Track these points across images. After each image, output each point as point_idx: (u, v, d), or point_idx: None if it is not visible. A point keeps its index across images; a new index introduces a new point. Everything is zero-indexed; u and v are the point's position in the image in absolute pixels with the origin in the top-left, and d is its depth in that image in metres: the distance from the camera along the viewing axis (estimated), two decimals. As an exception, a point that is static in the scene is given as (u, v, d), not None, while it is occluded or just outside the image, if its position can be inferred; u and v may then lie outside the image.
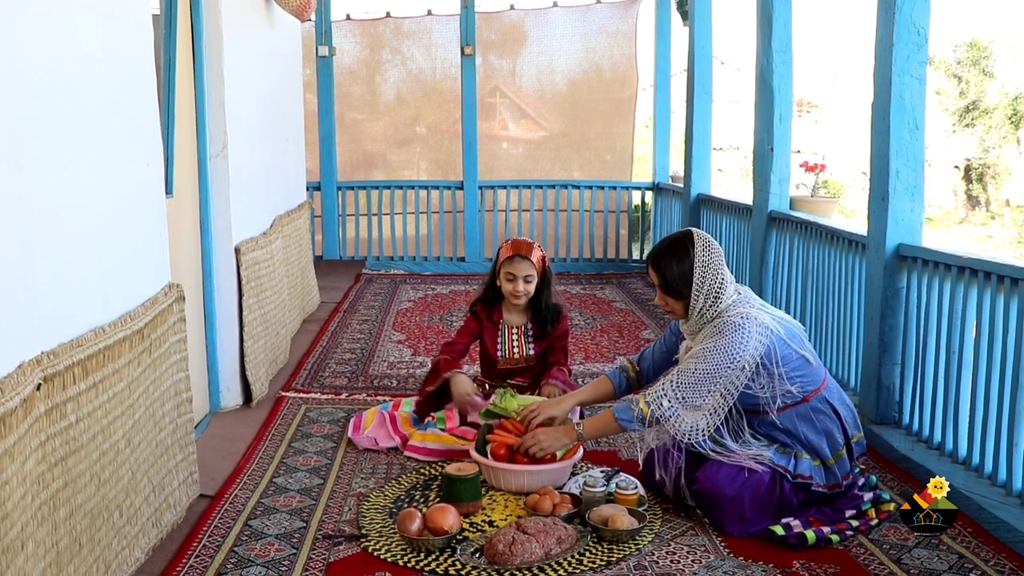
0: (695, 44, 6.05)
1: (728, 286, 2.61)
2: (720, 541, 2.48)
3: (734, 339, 2.50)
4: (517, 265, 3.30)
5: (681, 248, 2.62)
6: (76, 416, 1.85)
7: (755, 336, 2.51)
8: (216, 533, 2.49)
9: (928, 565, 2.34)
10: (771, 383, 2.53)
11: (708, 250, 2.61)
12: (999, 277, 2.68)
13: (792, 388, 2.54)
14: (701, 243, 2.62)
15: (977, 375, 2.80)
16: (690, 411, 2.52)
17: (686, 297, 2.61)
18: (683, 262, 2.61)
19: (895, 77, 3.16)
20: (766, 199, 4.66)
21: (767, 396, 2.54)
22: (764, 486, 2.53)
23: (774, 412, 2.56)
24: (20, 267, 1.65)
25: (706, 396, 2.52)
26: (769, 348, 2.52)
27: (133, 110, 2.38)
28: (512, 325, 3.40)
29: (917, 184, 3.21)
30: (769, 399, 2.54)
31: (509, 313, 3.41)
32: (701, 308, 2.60)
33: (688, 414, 2.53)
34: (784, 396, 2.55)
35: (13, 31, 1.67)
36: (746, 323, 2.52)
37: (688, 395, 2.52)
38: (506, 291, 3.34)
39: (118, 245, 2.22)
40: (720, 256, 2.63)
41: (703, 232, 2.67)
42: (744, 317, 2.53)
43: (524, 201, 7.61)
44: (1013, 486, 2.60)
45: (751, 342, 2.50)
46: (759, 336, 2.51)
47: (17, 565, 1.56)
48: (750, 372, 2.52)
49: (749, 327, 2.51)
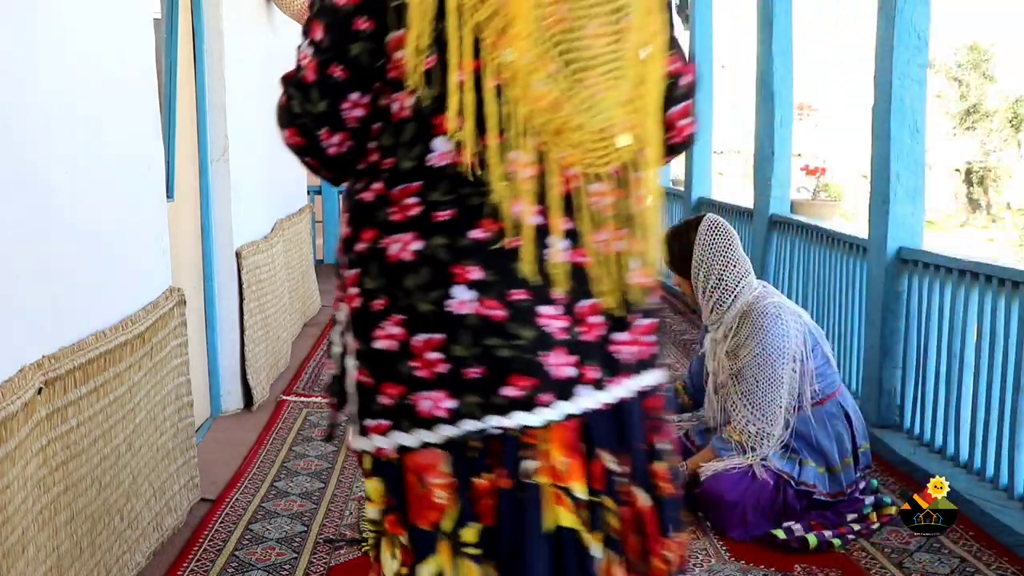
0: (696, 47, 6.05)
1: (747, 276, 2.62)
2: (721, 545, 2.48)
3: (775, 331, 2.50)
4: None
5: (687, 226, 2.69)
6: (77, 420, 1.85)
7: (792, 324, 2.52)
8: (217, 537, 2.49)
9: (930, 569, 2.33)
10: (801, 379, 2.53)
11: (713, 231, 2.62)
12: (1000, 280, 2.68)
13: (816, 387, 2.55)
14: (707, 223, 2.65)
15: (978, 378, 2.79)
16: (774, 422, 2.52)
17: (689, 276, 2.65)
18: (683, 239, 2.66)
19: (895, 80, 3.16)
20: (767, 202, 4.66)
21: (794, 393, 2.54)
22: (768, 492, 2.52)
23: (796, 412, 2.55)
24: (21, 270, 1.66)
25: (779, 400, 2.52)
26: (805, 337, 2.53)
27: (134, 114, 2.38)
28: None
29: (918, 187, 3.21)
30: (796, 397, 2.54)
31: None
32: (710, 293, 2.61)
33: (774, 427, 2.52)
34: (805, 396, 2.54)
35: (16, 34, 1.67)
36: (780, 312, 2.53)
37: (765, 410, 2.52)
38: None
39: (119, 249, 2.22)
40: (728, 240, 2.62)
41: (718, 217, 2.68)
42: (777, 306, 2.55)
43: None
44: (1015, 490, 2.59)
45: (791, 330, 2.52)
46: (795, 324, 2.53)
47: (18, 569, 1.56)
48: (799, 361, 2.52)
49: (785, 316, 2.53)
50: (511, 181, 1.09)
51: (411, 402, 1.11)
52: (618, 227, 1.15)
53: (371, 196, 1.15)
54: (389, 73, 1.12)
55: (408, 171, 1.12)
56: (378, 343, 1.13)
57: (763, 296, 2.60)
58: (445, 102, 1.09)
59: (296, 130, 1.19)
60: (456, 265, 1.10)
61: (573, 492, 1.12)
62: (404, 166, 1.13)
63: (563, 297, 1.12)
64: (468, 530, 1.12)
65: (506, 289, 1.10)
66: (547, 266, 1.11)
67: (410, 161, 1.12)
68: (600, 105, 1.12)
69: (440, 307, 1.10)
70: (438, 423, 1.10)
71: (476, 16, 1.07)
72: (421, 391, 1.10)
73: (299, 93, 1.16)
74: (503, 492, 1.11)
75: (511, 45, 1.07)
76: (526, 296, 1.10)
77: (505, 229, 1.10)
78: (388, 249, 1.13)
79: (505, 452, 1.11)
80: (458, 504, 1.12)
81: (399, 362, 1.11)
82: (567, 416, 1.12)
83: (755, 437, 2.53)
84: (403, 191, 1.12)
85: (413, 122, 1.12)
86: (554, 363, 1.11)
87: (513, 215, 1.10)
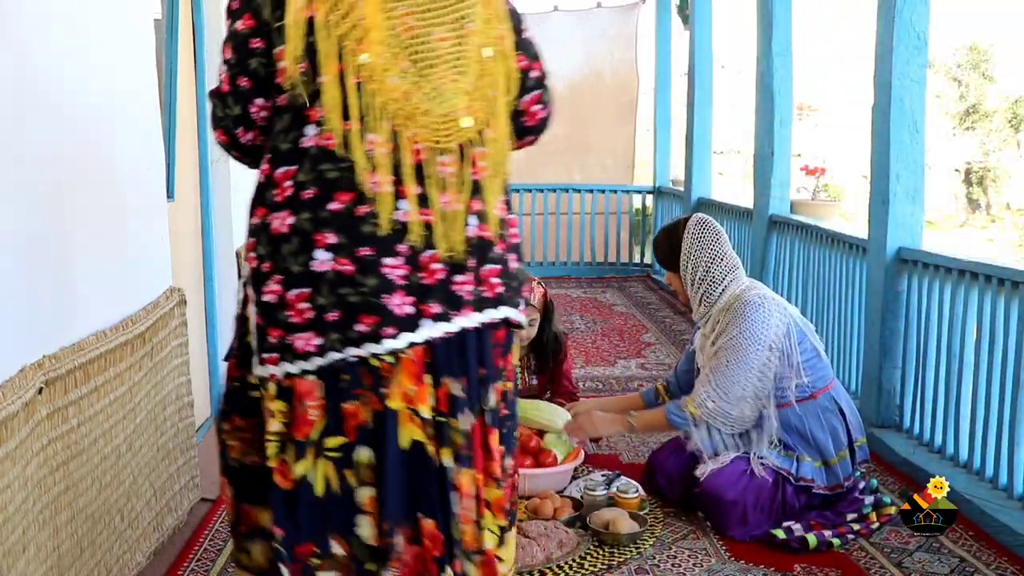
0: (695, 48, 6.06)
1: (734, 271, 2.65)
2: (721, 544, 2.48)
3: (755, 318, 2.52)
4: None
5: (676, 224, 2.75)
6: (78, 420, 1.85)
7: (775, 314, 2.53)
8: (217, 537, 2.49)
9: (929, 568, 2.34)
10: (787, 371, 2.54)
11: (701, 226, 2.68)
12: (1000, 280, 2.68)
13: (804, 380, 2.55)
14: (696, 220, 2.70)
15: (978, 378, 2.80)
16: (735, 404, 2.53)
17: (679, 271, 2.70)
18: (672, 236, 2.72)
19: (895, 80, 3.16)
20: (767, 202, 4.67)
21: (783, 386, 2.54)
22: (767, 489, 2.53)
23: (785, 405, 2.55)
24: (22, 270, 1.66)
25: (745, 385, 2.53)
26: (789, 328, 2.54)
27: (134, 114, 2.38)
28: None
29: (917, 187, 3.21)
30: (784, 390, 2.54)
31: None
32: (697, 287, 2.64)
33: (734, 407, 2.53)
34: (796, 389, 2.55)
35: (19, 34, 1.68)
36: (764, 302, 2.55)
37: (728, 389, 2.53)
38: None
39: (119, 249, 2.23)
40: (716, 237, 2.68)
41: (707, 217, 2.74)
42: (761, 297, 2.57)
43: (525, 205, 7.61)
44: (1014, 490, 2.59)
45: (772, 319, 2.53)
46: (779, 315, 2.54)
47: (18, 569, 1.56)
48: (778, 351, 2.53)
49: (768, 306, 2.54)
50: (370, 157, 1.39)
51: (290, 342, 1.41)
52: (459, 191, 1.45)
53: (263, 177, 1.46)
54: (277, 78, 1.43)
55: (286, 152, 1.43)
56: (265, 296, 1.43)
57: (750, 289, 2.62)
58: (316, 98, 1.40)
59: (221, 131, 1.53)
60: (317, 233, 1.39)
61: (420, 413, 1.42)
62: (283, 148, 1.43)
63: (406, 249, 1.41)
64: (332, 440, 1.42)
65: (355, 248, 1.39)
66: (397, 224, 1.40)
67: (287, 144, 1.43)
68: (444, 94, 1.42)
69: (306, 267, 1.40)
70: (310, 356, 1.40)
71: (339, 30, 1.38)
72: (296, 333, 1.40)
73: (220, 102, 1.50)
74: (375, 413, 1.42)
75: (368, 50, 1.38)
76: (371, 252, 1.39)
77: (358, 198, 1.39)
78: (272, 224, 1.43)
79: (372, 383, 1.41)
80: (325, 420, 1.42)
81: (279, 311, 1.42)
82: (411, 344, 1.41)
83: (711, 414, 2.54)
84: (283, 174, 1.43)
85: (290, 113, 1.43)
86: (395, 303, 1.40)
87: (371, 184, 1.39)
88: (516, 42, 1.54)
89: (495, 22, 1.48)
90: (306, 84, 1.40)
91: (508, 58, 1.50)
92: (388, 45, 1.39)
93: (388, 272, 1.40)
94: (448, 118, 1.43)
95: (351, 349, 1.39)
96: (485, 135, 1.48)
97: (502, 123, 1.50)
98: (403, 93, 1.40)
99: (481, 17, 1.46)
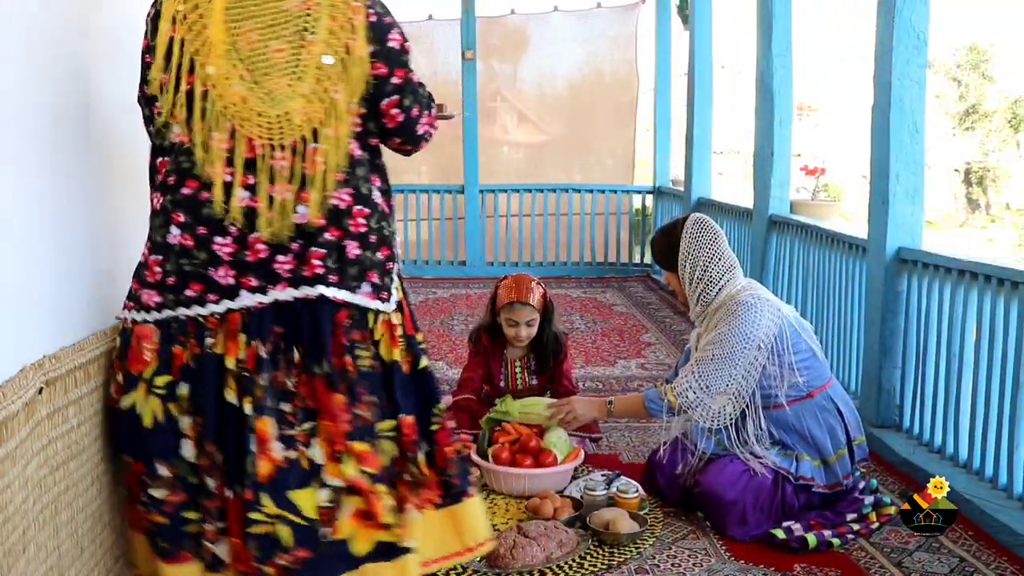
0: (695, 48, 6.06)
1: (732, 271, 2.65)
2: (721, 544, 2.48)
3: (746, 318, 2.52)
4: (518, 312, 3.19)
5: (674, 224, 2.75)
6: (78, 420, 1.85)
7: (767, 315, 2.53)
8: (217, 537, 2.48)
9: (929, 568, 2.34)
10: (780, 371, 2.54)
11: (699, 226, 2.68)
12: (999, 280, 2.68)
13: (799, 380, 2.55)
14: (694, 219, 2.70)
15: (978, 378, 2.80)
16: (715, 397, 2.53)
17: (676, 270, 2.70)
18: (670, 236, 2.72)
19: (895, 81, 3.16)
20: (766, 202, 4.67)
21: (776, 385, 2.54)
22: (766, 489, 2.53)
23: (782, 405, 2.55)
24: (22, 270, 1.66)
25: (728, 380, 2.53)
26: (781, 330, 2.54)
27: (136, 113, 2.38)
28: (513, 359, 3.35)
29: (917, 187, 3.22)
30: (777, 389, 2.55)
31: (510, 349, 3.34)
32: (695, 286, 2.65)
33: (714, 401, 2.54)
34: (791, 388, 2.55)
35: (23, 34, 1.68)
36: (757, 303, 2.55)
37: (711, 382, 2.53)
38: (508, 336, 3.25)
39: (120, 248, 2.22)
40: (714, 237, 2.67)
41: (705, 216, 2.73)
42: (755, 297, 2.57)
43: (525, 205, 7.61)
44: (1014, 489, 2.60)
45: (763, 320, 2.52)
46: (771, 316, 2.53)
47: (19, 569, 1.56)
48: (767, 352, 2.52)
49: (760, 306, 2.54)
50: (208, 151, 1.72)
51: (140, 295, 1.79)
52: (289, 182, 1.72)
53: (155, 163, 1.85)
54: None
55: (162, 146, 1.83)
56: (140, 258, 1.83)
57: (745, 289, 2.62)
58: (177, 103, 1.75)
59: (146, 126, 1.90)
60: (174, 212, 1.76)
61: (227, 364, 1.74)
62: (160, 143, 1.83)
63: (236, 231, 1.72)
64: (160, 379, 1.78)
65: (196, 227, 1.74)
66: (230, 209, 1.71)
67: (160, 139, 1.83)
68: (278, 98, 1.71)
69: (164, 239, 1.77)
70: (151, 310, 1.78)
71: (191, 47, 1.72)
72: (146, 289, 1.79)
73: (141, 104, 1.89)
74: (195, 356, 1.77)
75: (212, 63, 1.71)
76: (205, 231, 1.73)
77: (203, 186, 1.73)
78: (153, 202, 1.82)
79: (196, 332, 1.77)
80: (158, 361, 1.77)
81: (142, 270, 1.81)
82: (228, 309, 1.74)
83: (690, 404, 2.55)
84: (161, 163, 1.82)
85: (161, 116, 1.78)
86: (220, 275, 1.74)
87: (208, 174, 1.72)
88: (376, 51, 1.75)
89: (341, 33, 1.72)
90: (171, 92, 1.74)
91: (355, 65, 1.73)
92: (228, 58, 1.70)
93: (217, 248, 1.73)
94: (283, 118, 1.71)
95: (181, 309, 1.76)
96: (322, 133, 1.72)
97: (343, 123, 1.74)
98: (241, 98, 1.70)
99: (325, 28, 1.71)
